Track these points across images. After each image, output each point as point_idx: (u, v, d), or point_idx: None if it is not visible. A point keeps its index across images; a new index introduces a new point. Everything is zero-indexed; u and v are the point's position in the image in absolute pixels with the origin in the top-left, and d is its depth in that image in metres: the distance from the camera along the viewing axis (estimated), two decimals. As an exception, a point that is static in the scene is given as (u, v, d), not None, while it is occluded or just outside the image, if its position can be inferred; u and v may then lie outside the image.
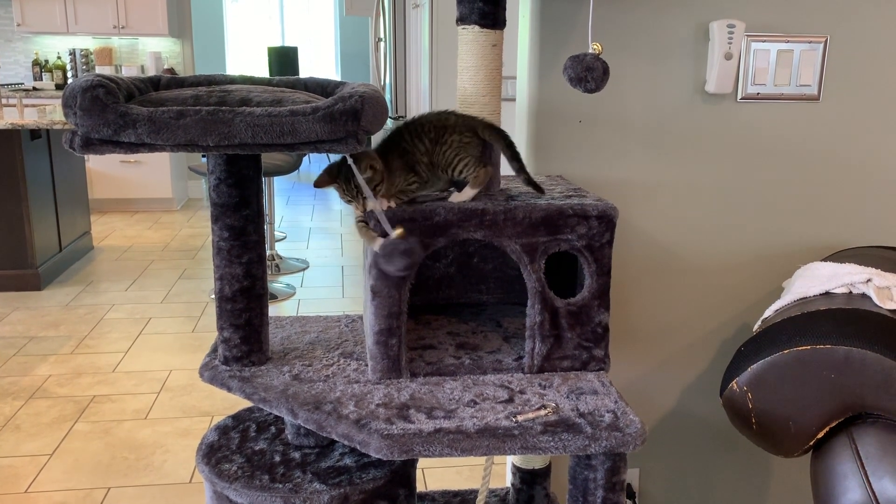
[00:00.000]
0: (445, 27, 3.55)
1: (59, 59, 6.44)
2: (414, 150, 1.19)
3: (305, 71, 8.91)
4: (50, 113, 4.20)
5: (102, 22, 6.15)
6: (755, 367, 1.22)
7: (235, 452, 1.24)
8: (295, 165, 4.35)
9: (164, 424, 2.71)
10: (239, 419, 1.36)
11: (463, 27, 1.24)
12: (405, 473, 1.23)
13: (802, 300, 1.33)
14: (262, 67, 8.99)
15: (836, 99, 1.58)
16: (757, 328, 1.36)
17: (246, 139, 1.03)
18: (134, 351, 3.38)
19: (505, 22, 1.24)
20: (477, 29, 1.22)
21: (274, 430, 1.32)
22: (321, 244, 5.32)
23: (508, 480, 1.59)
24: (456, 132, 1.19)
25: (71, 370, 3.16)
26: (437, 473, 2.39)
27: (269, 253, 4.74)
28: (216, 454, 1.24)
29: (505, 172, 1.39)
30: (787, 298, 1.36)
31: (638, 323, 1.65)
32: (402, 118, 4.66)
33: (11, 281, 4.17)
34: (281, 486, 1.15)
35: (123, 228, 5.67)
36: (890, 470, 1.06)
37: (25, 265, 4.17)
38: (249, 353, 1.25)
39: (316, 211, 6.45)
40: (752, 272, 1.65)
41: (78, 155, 4.97)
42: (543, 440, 1.04)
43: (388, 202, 1.15)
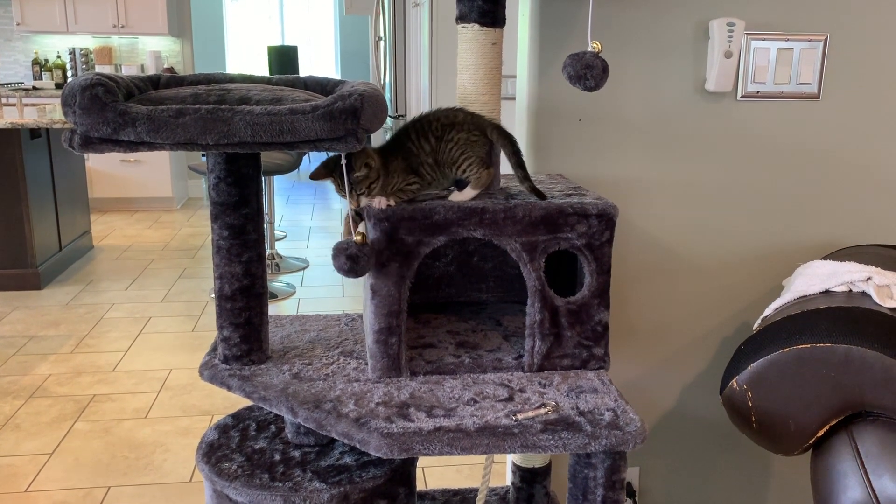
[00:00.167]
0: (445, 26, 3.55)
1: (58, 58, 6.44)
2: (419, 150, 1.18)
3: (305, 70, 8.91)
4: (50, 112, 4.20)
5: (102, 21, 6.15)
6: (755, 365, 1.22)
7: (235, 451, 1.24)
8: (295, 164, 4.34)
9: (164, 423, 2.71)
10: (239, 418, 1.36)
11: (463, 26, 1.23)
12: (405, 472, 1.23)
13: (802, 298, 1.33)
14: (261, 66, 8.99)
15: (835, 97, 1.58)
16: (757, 326, 1.36)
17: (245, 138, 1.02)
18: (134, 350, 3.38)
19: (504, 20, 1.24)
20: (477, 27, 1.22)
21: (274, 428, 1.32)
22: (321, 243, 5.32)
23: (508, 479, 1.59)
24: (464, 130, 1.18)
25: (71, 369, 3.16)
26: (437, 472, 2.39)
27: (268, 252, 4.74)
28: (216, 453, 1.24)
29: (504, 171, 1.38)
30: (786, 297, 1.36)
31: (638, 321, 1.65)
32: (401, 117, 4.66)
33: (11, 280, 4.17)
34: (281, 484, 1.15)
35: (123, 227, 5.67)
36: (890, 468, 1.06)
37: (25, 264, 4.17)
38: (249, 351, 1.25)
39: (316, 210, 6.45)
40: (751, 270, 1.65)
41: (77, 154, 4.97)
42: (543, 439, 1.04)
43: (386, 201, 1.15)
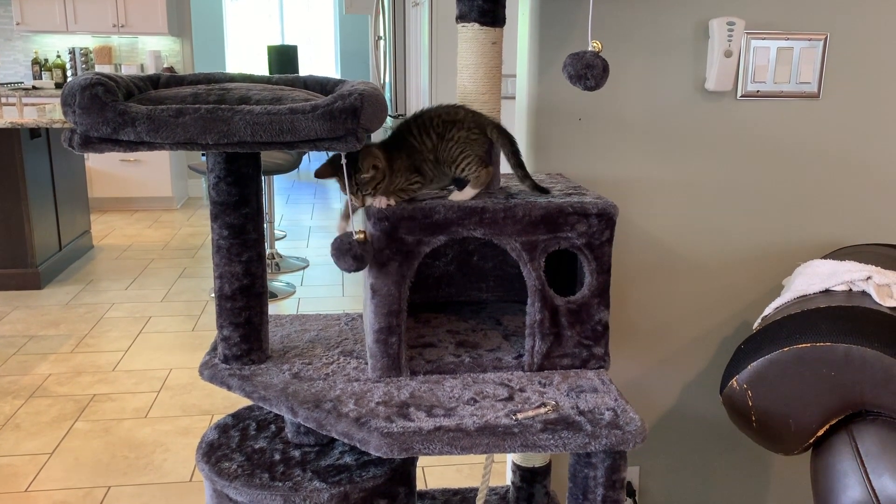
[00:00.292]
0: (445, 25, 3.55)
1: (58, 57, 6.44)
2: (422, 146, 1.18)
3: (305, 69, 8.90)
4: (49, 112, 4.20)
5: (102, 21, 6.15)
6: (755, 364, 1.22)
7: (235, 451, 1.24)
8: (295, 164, 4.34)
9: (164, 423, 2.71)
10: (239, 418, 1.36)
11: (463, 25, 1.23)
12: (405, 472, 1.23)
13: (802, 298, 1.33)
14: (261, 66, 8.99)
15: (835, 96, 1.58)
16: (757, 326, 1.36)
17: (245, 137, 1.02)
18: (134, 350, 3.38)
19: (504, 20, 1.24)
20: (477, 27, 1.22)
21: (274, 428, 1.32)
22: (321, 243, 5.32)
23: (509, 478, 1.59)
24: (464, 128, 1.18)
25: (71, 369, 3.16)
26: (437, 471, 2.39)
27: (268, 251, 4.74)
28: (216, 453, 1.24)
29: (504, 170, 1.38)
30: (786, 296, 1.36)
31: (638, 321, 1.65)
32: (401, 116, 4.65)
33: (11, 280, 4.17)
34: (281, 484, 1.15)
35: (123, 227, 5.67)
36: (890, 467, 1.06)
37: (25, 264, 4.16)
38: (249, 351, 1.25)
39: (316, 209, 6.44)
40: (751, 270, 1.65)
41: (77, 153, 4.96)
42: (543, 438, 1.04)
43: (387, 200, 1.15)
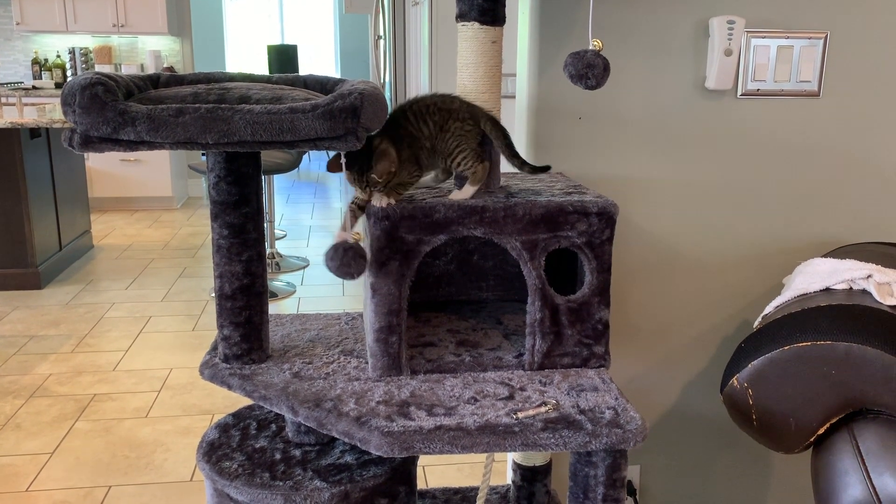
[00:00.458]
0: (445, 24, 3.55)
1: (58, 57, 6.44)
2: (419, 134, 1.17)
3: (305, 69, 8.90)
4: (49, 112, 4.20)
5: (102, 20, 6.15)
6: (756, 363, 1.22)
7: (236, 450, 1.24)
8: (295, 163, 4.34)
9: (164, 423, 2.71)
10: (239, 417, 1.36)
11: (462, 24, 1.23)
12: (406, 471, 1.23)
13: (803, 296, 1.33)
14: (261, 65, 8.99)
15: (836, 95, 1.57)
16: (757, 325, 1.36)
17: (245, 137, 1.02)
18: (134, 349, 3.38)
19: (504, 18, 1.24)
20: (476, 25, 1.22)
21: (274, 427, 1.32)
22: (321, 242, 5.32)
23: (509, 477, 1.59)
24: (459, 119, 1.17)
25: (71, 369, 3.16)
26: (437, 471, 2.39)
27: (269, 251, 4.74)
28: (217, 452, 1.24)
29: (505, 169, 1.38)
30: (787, 295, 1.36)
31: (638, 320, 1.65)
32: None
33: (11, 280, 4.17)
34: (282, 483, 1.15)
35: (123, 227, 5.67)
36: (891, 466, 1.06)
37: (25, 264, 4.17)
38: (249, 350, 1.25)
39: (316, 209, 6.45)
40: (752, 268, 1.65)
41: (77, 153, 4.96)
42: (544, 437, 1.04)
43: (387, 199, 1.15)
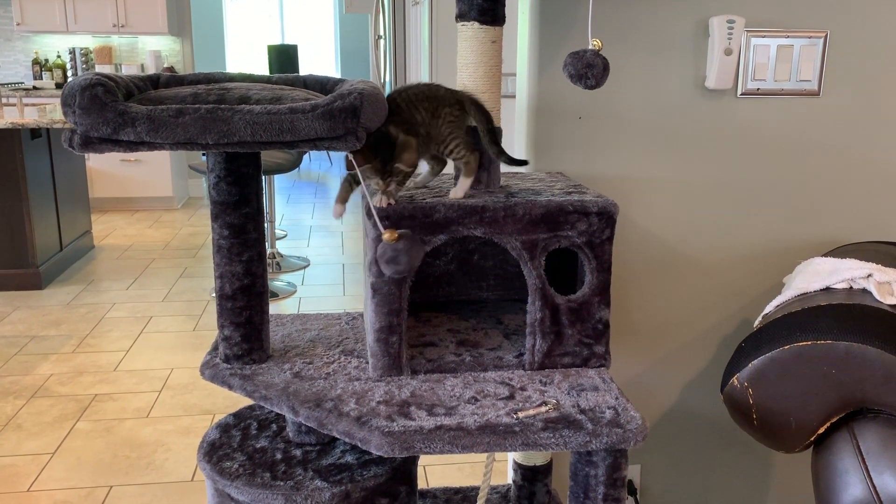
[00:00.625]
0: (445, 24, 3.55)
1: (58, 58, 6.44)
2: (413, 121, 1.16)
3: (305, 69, 8.90)
4: (50, 112, 4.20)
5: (102, 21, 6.15)
6: (756, 362, 1.22)
7: (237, 450, 1.24)
8: (295, 163, 4.34)
9: (165, 423, 2.71)
10: (240, 417, 1.36)
11: (462, 24, 1.23)
12: (406, 470, 1.23)
13: (803, 296, 1.33)
14: (261, 65, 8.99)
15: (836, 94, 1.57)
16: (757, 324, 1.36)
17: (245, 137, 1.02)
18: (135, 350, 3.38)
19: (504, 18, 1.24)
20: (476, 25, 1.22)
21: (275, 427, 1.32)
22: (322, 242, 5.32)
23: (510, 477, 1.59)
24: (447, 104, 1.18)
25: (72, 369, 3.16)
26: (438, 470, 2.40)
27: (269, 251, 4.74)
28: (217, 452, 1.24)
29: (505, 169, 1.38)
30: (787, 294, 1.36)
31: (639, 319, 1.65)
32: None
33: (12, 280, 4.17)
34: (282, 483, 1.15)
35: (124, 227, 5.68)
36: (891, 465, 1.06)
37: (26, 264, 4.17)
38: (250, 351, 1.25)
39: (316, 209, 6.45)
40: (752, 268, 1.65)
41: (77, 154, 4.97)
42: (544, 437, 1.04)
43: (388, 199, 1.15)
